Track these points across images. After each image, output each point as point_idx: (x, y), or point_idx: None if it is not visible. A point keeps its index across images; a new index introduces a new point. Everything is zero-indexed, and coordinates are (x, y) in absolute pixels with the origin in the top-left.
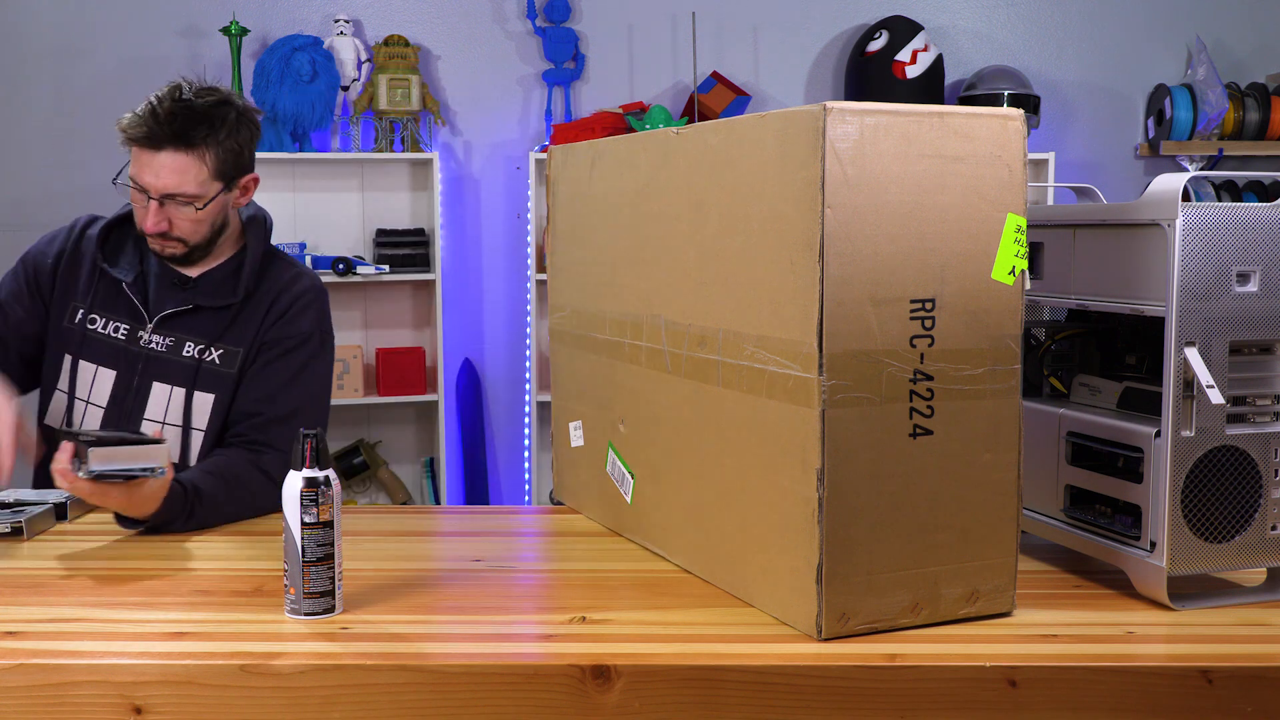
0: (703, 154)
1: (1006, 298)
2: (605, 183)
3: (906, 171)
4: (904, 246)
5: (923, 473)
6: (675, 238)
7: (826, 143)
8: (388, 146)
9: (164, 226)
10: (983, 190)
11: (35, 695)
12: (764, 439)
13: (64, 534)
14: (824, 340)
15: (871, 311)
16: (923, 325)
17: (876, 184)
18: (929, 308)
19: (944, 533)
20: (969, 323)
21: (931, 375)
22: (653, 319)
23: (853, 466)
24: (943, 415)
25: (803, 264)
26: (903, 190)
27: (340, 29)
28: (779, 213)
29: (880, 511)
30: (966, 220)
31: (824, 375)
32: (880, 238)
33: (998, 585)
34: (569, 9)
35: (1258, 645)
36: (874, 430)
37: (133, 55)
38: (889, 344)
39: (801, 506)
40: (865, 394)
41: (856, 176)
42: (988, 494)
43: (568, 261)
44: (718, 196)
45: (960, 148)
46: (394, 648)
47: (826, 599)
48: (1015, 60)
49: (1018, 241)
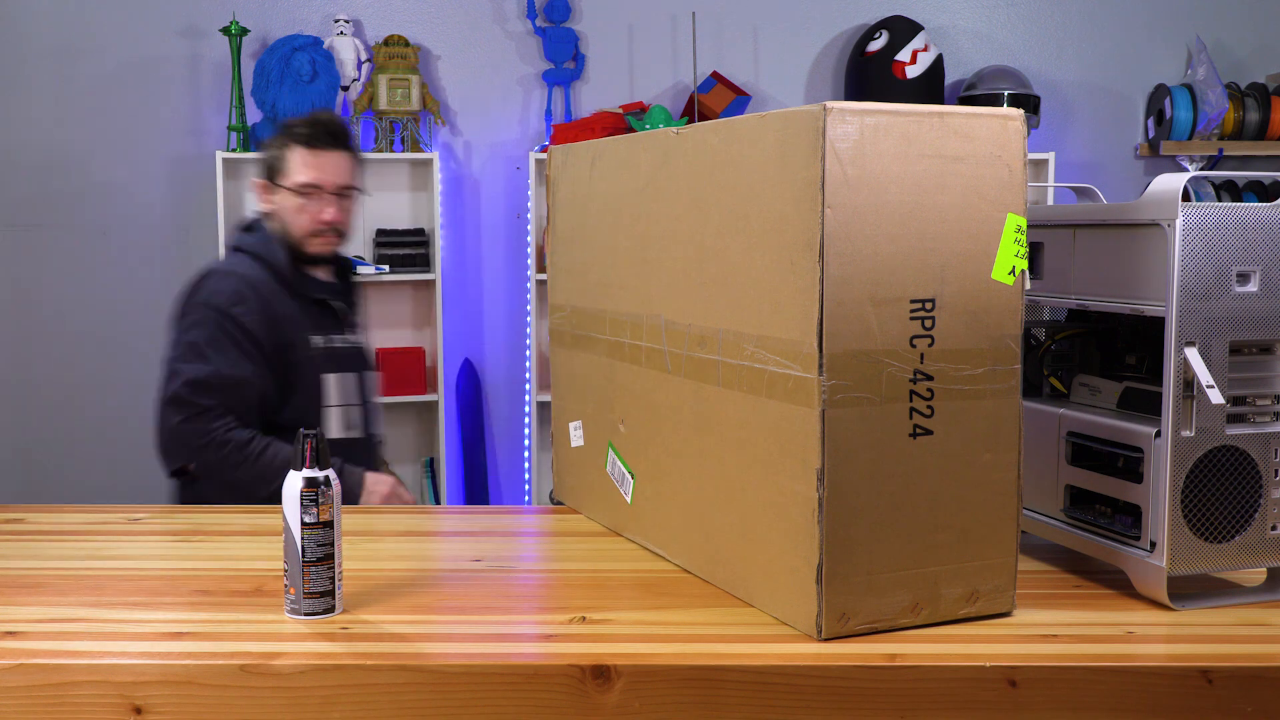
0: (702, 154)
1: (1007, 298)
2: (605, 183)
3: (906, 171)
4: (904, 246)
5: (923, 473)
6: (675, 238)
7: (826, 143)
8: (388, 146)
9: (340, 218)
10: (983, 190)
11: (35, 695)
12: (764, 439)
13: (64, 534)
14: (824, 340)
15: (871, 311)
16: (923, 325)
17: (876, 184)
18: (929, 308)
19: (944, 533)
20: (969, 323)
21: (931, 375)
22: (653, 319)
23: (853, 466)
24: (943, 415)
25: (803, 264)
26: (903, 190)
27: (340, 29)
28: (779, 213)
29: (880, 511)
30: (966, 220)
31: (824, 375)
32: (880, 238)
33: (998, 585)
34: (569, 9)
35: (1258, 645)
36: (874, 430)
37: (133, 55)
38: (889, 344)
39: (801, 506)
40: (865, 394)
41: (857, 176)
42: (988, 494)
43: (568, 261)
44: (718, 196)
45: (960, 148)
46: (394, 648)
47: (826, 599)
48: (1015, 60)
49: (1018, 241)
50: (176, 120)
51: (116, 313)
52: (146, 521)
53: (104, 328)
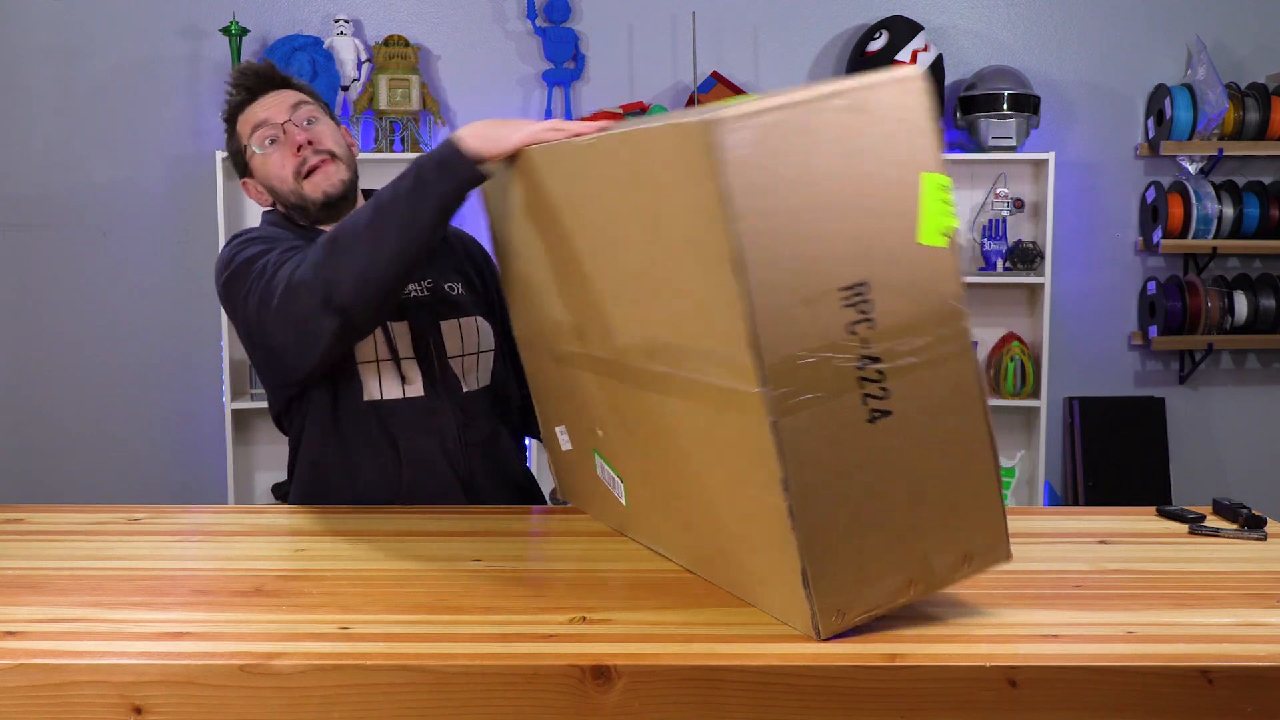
0: (615, 168)
1: (941, 260)
2: (534, 194)
3: (813, 162)
4: (825, 238)
5: (890, 454)
6: (607, 251)
7: (725, 153)
8: (388, 147)
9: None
10: (894, 159)
11: (35, 695)
12: (725, 451)
13: (64, 534)
14: (761, 352)
15: (804, 312)
16: (859, 310)
17: (784, 183)
18: (863, 291)
19: (924, 506)
20: (906, 295)
21: (879, 356)
22: (602, 332)
23: (817, 468)
24: (898, 393)
25: (723, 278)
26: (813, 182)
27: (340, 29)
28: (692, 227)
29: (855, 503)
30: (884, 194)
31: (768, 386)
32: (798, 236)
33: (989, 542)
34: (569, 9)
35: (1258, 645)
36: (831, 427)
37: (133, 55)
38: (828, 338)
39: (774, 515)
40: (814, 394)
41: (762, 182)
42: (960, 457)
43: (513, 274)
44: (635, 213)
45: (863, 124)
46: (394, 648)
47: (818, 601)
48: (1015, 60)
49: (943, 200)
50: (176, 120)
51: (116, 313)
52: (146, 521)
53: (104, 328)
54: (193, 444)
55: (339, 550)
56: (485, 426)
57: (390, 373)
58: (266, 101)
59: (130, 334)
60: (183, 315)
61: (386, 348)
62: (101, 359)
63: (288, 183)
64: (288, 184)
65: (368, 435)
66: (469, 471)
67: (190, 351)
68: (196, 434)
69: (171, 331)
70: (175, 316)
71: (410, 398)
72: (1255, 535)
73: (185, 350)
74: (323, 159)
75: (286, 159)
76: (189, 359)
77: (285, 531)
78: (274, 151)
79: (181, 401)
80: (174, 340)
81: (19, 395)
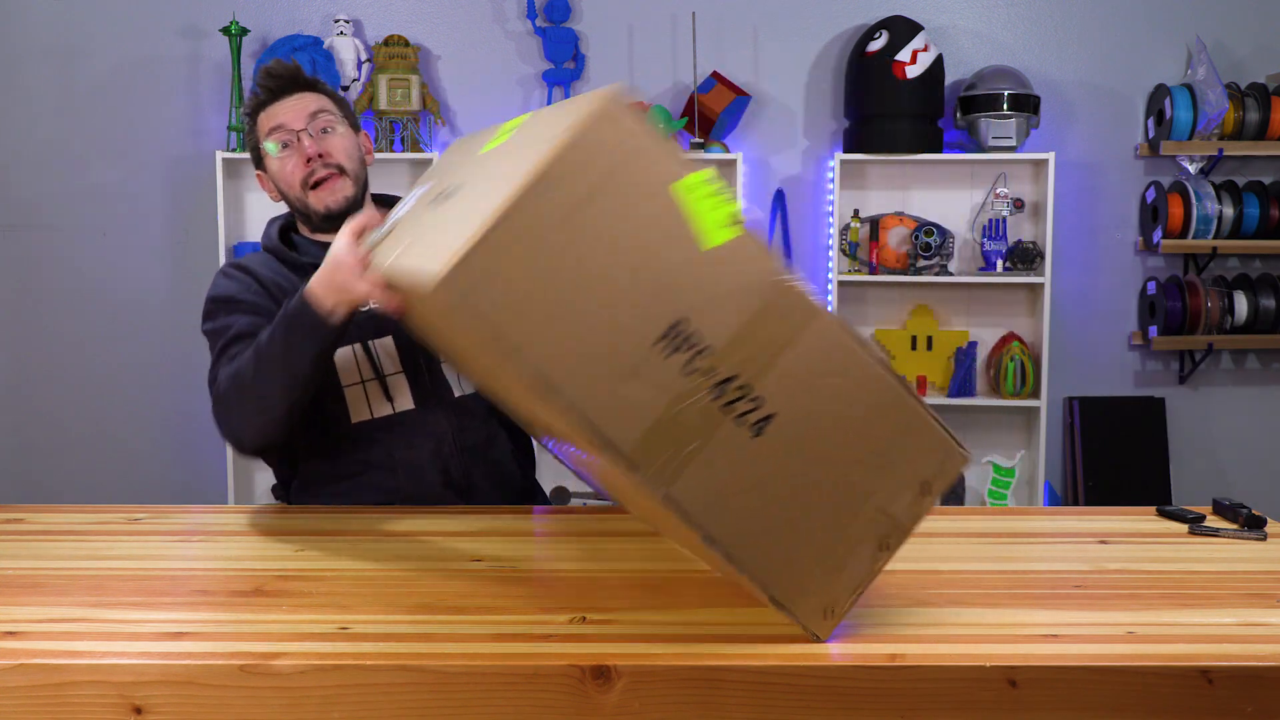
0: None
1: (740, 249)
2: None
3: (566, 254)
4: (614, 306)
5: (792, 452)
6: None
7: (469, 303)
8: (388, 146)
9: (321, 150)
10: (637, 189)
11: (35, 695)
12: (655, 514)
13: (64, 534)
14: (615, 445)
15: (633, 387)
16: (687, 347)
17: (543, 296)
18: (681, 329)
19: (857, 469)
20: (725, 302)
21: (732, 375)
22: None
23: (728, 506)
24: (770, 392)
25: (542, 400)
26: (575, 271)
27: (340, 29)
28: (493, 364)
29: (785, 516)
30: (647, 228)
31: (640, 471)
32: (586, 326)
33: (938, 459)
34: (569, 9)
35: (1258, 645)
36: (721, 464)
37: (133, 55)
38: (672, 391)
39: (715, 559)
40: (689, 446)
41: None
42: (866, 403)
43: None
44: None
45: (585, 181)
46: (394, 648)
47: (800, 614)
48: (1015, 60)
49: (708, 195)
50: (176, 120)
51: (116, 313)
52: (146, 521)
53: (104, 328)
54: (193, 444)
55: (339, 550)
56: (480, 430)
57: (376, 391)
58: (287, 104)
59: (130, 334)
60: (183, 315)
61: (370, 368)
62: (101, 359)
63: (294, 190)
64: (294, 191)
65: (359, 455)
66: (465, 476)
67: (190, 351)
68: (196, 434)
69: (171, 331)
70: (175, 316)
71: (400, 412)
72: (1255, 535)
73: (185, 350)
74: (331, 173)
75: (297, 167)
76: (189, 359)
77: (285, 531)
78: (286, 157)
79: (181, 401)
80: (174, 340)
81: (19, 395)
